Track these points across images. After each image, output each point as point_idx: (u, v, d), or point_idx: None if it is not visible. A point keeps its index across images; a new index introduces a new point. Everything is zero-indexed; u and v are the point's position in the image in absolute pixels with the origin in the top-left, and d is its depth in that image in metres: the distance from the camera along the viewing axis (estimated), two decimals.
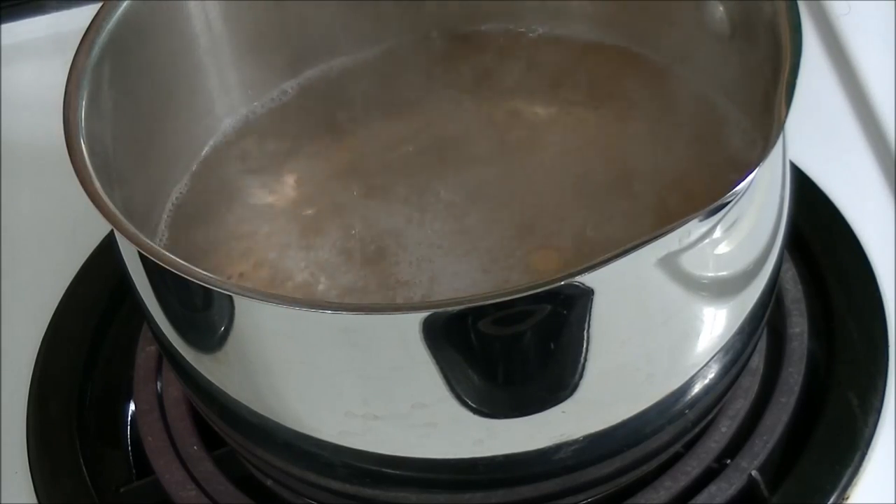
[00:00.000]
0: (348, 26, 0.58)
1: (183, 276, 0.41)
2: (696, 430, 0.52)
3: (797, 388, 0.56)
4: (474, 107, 0.57)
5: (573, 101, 0.56)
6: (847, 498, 0.53)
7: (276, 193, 0.56)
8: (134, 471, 0.58)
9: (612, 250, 0.39)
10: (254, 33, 0.57)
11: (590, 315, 0.41)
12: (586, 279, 0.39)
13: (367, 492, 0.47)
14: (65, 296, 0.63)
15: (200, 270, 0.41)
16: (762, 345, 0.56)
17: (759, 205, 0.45)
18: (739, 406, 0.55)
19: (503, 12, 0.58)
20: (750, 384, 0.55)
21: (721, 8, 0.52)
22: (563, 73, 0.57)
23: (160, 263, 0.41)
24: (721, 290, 0.45)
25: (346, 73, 0.59)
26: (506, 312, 0.40)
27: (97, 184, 0.43)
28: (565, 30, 0.58)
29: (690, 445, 0.53)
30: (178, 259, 0.41)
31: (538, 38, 0.58)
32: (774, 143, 0.41)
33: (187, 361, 0.47)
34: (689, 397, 0.47)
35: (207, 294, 0.43)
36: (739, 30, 0.51)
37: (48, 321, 0.62)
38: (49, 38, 0.75)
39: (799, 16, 0.45)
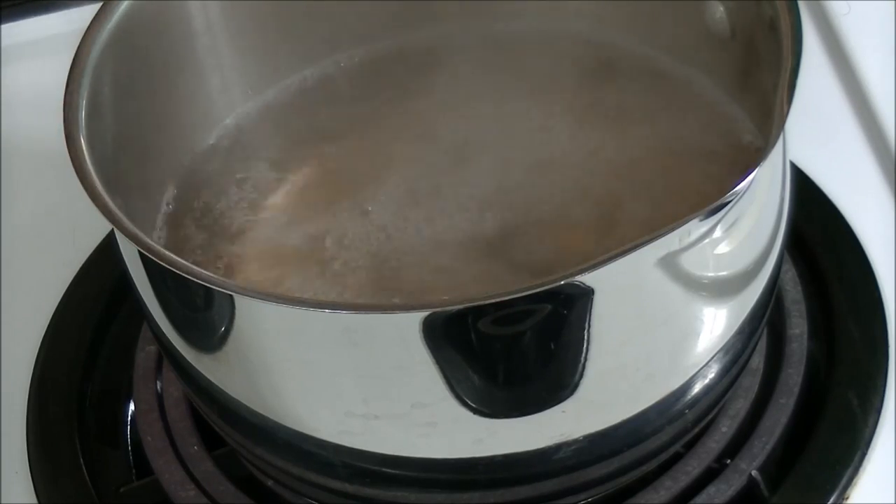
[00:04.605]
0: (348, 25, 0.58)
1: (183, 275, 0.41)
2: (696, 430, 0.52)
3: (797, 389, 0.55)
4: (474, 106, 0.57)
5: (572, 100, 0.56)
6: (847, 498, 0.53)
7: (276, 193, 0.56)
8: (134, 471, 0.58)
9: (610, 250, 0.39)
10: (254, 33, 0.57)
11: (590, 315, 0.41)
12: (586, 279, 0.39)
13: (367, 491, 0.47)
14: (65, 296, 0.63)
15: (200, 270, 0.41)
16: (762, 345, 0.56)
17: (759, 205, 0.45)
18: (740, 406, 0.55)
19: (503, 11, 0.58)
20: (750, 384, 0.55)
21: (721, 8, 0.52)
22: (562, 73, 0.57)
23: (160, 263, 0.41)
24: (721, 290, 0.45)
25: (347, 73, 0.59)
26: (506, 312, 0.40)
27: (97, 184, 0.43)
28: (564, 29, 0.58)
29: (690, 445, 0.53)
30: (178, 259, 0.41)
31: (537, 37, 0.58)
32: (774, 143, 0.41)
33: (187, 361, 0.47)
34: (689, 397, 0.47)
35: (207, 294, 0.43)
36: (739, 30, 0.51)
37: (48, 321, 0.62)
38: (49, 38, 0.75)
39: (799, 16, 0.45)
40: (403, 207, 0.54)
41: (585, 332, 0.41)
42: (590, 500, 0.51)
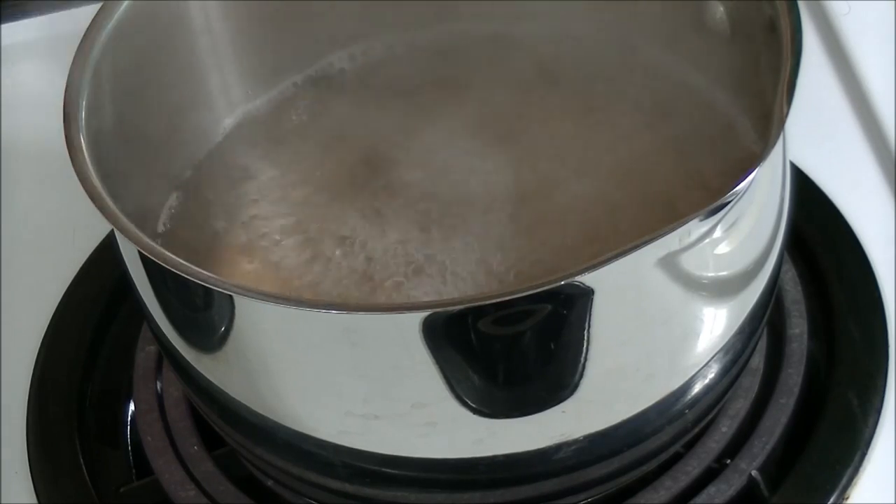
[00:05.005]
0: (348, 25, 0.58)
1: (183, 276, 0.41)
2: (696, 430, 0.52)
3: (797, 389, 0.56)
4: (474, 105, 0.57)
5: (572, 100, 0.56)
6: (847, 498, 0.53)
7: (276, 193, 0.56)
8: (134, 471, 0.58)
9: (610, 250, 0.39)
10: (254, 33, 0.57)
11: (590, 315, 0.41)
12: (586, 279, 0.39)
13: (367, 491, 0.47)
14: (65, 296, 0.63)
15: (200, 270, 0.41)
16: (762, 344, 0.56)
17: (759, 205, 0.45)
18: (740, 406, 0.55)
19: (503, 12, 0.58)
20: (750, 384, 0.55)
21: (721, 8, 0.52)
22: (562, 73, 0.57)
23: (160, 263, 0.41)
24: (721, 290, 0.45)
25: (346, 72, 0.59)
26: (506, 312, 0.40)
27: (97, 184, 0.43)
28: (565, 30, 0.58)
29: (690, 445, 0.53)
30: (178, 259, 0.41)
31: (538, 37, 0.58)
32: (774, 143, 0.41)
33: (187, 361, 0.47)
34: (689, 397, 0.47)
35: (207, 294, 0.43)
36: (739, 30, 0.51)
37: (48, 321, 0.62)
38: (49, 38, 0.75)
39: (799, 16, 0.45)
40: (405, 207, 0.54)
41: (585, 332, 0.41)
42: (590, 500, 0.51)
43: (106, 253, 0.62)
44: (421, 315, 0.40)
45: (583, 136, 0.55)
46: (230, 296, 0.42)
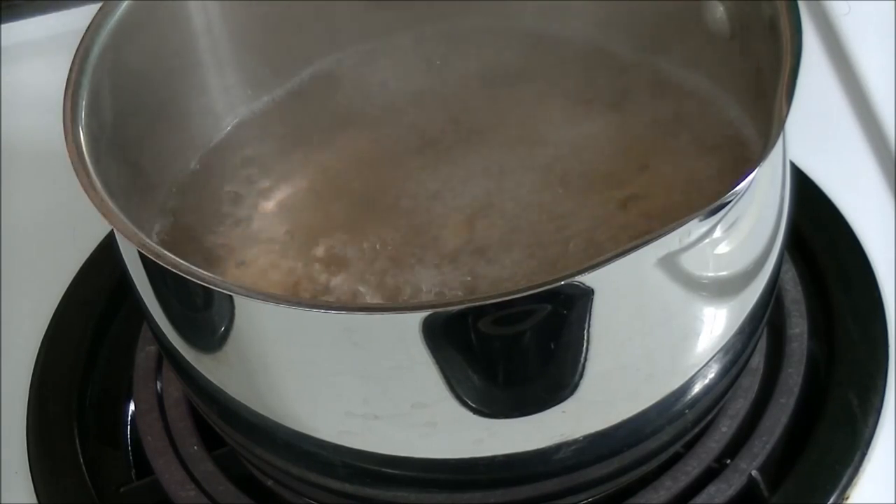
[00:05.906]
0: (347, 25, 0.58)
1: (183, 275, 0.41)
2: (696, 430, 0.52)
3: (797, 389, 0.56)
4: (475, 107, 0.57)
5: (571, 100, 0.56)
6: (847, 498, 0.53)
7: (276, 193, 0.56)
8: (134, 471, 0.58)
9: (610, 251, 0.39)
10: (254, 33, 0.57)
11: (590, 315, 0.41)
12: (586, 279, 0.39)
13: (367, 491, 0.47)
14: (65, 296, 0.63)
15: (200, 270, 0.41)
16: (762, 344, 0.56)
17: (759, 205, 0.45)
18: (740, 406, 0.55)
19: (503, 12, 0.58)
20: (750, 384, 0.55)
21: (721, 8, 0.52)
22: (561, 73, 0.57)
23: (160, 263, 0.41)
24: (721, 290, 0.45)
25: (346, 72, 0.59)
26: (506, 312, 0.40)
27: (97, 183, 0.44)
28: (565, 30, 0.58)
29: (690, 445, 0.53)
30: (178, 259, 0.41)
31: (538, 38, 0.58)
32: (774, 142, 0.41)
33: (187, 361, 0.47)
34: (689, 397, 0.47)
35: (207, 294, 0.43)
36: (739, 30, 0.51)
37: (48, 321, 0.62)
38: (49, 38, 0.75)
39: (799, 16, 0.45)
40: (408, 210, 0.54)
41: (585, 332, 0.41)
42: (590, 500, 0.51)
43: (106, 253, 0.62)
44: (421, 315, 0.40)
45: (580, 136, 0.55)
46: (230, 296, 0.42)
